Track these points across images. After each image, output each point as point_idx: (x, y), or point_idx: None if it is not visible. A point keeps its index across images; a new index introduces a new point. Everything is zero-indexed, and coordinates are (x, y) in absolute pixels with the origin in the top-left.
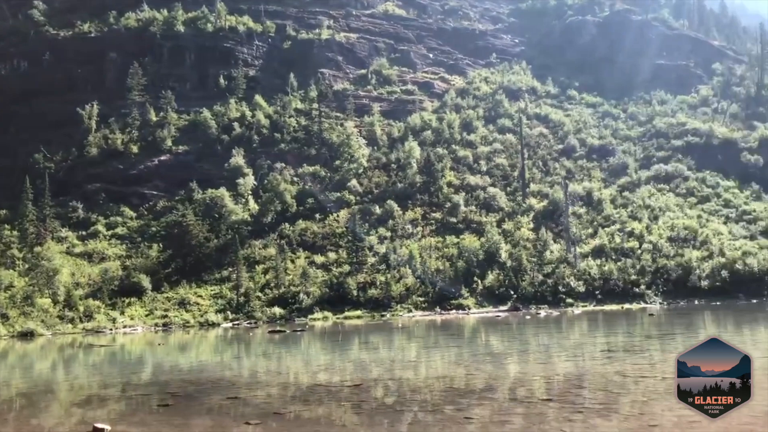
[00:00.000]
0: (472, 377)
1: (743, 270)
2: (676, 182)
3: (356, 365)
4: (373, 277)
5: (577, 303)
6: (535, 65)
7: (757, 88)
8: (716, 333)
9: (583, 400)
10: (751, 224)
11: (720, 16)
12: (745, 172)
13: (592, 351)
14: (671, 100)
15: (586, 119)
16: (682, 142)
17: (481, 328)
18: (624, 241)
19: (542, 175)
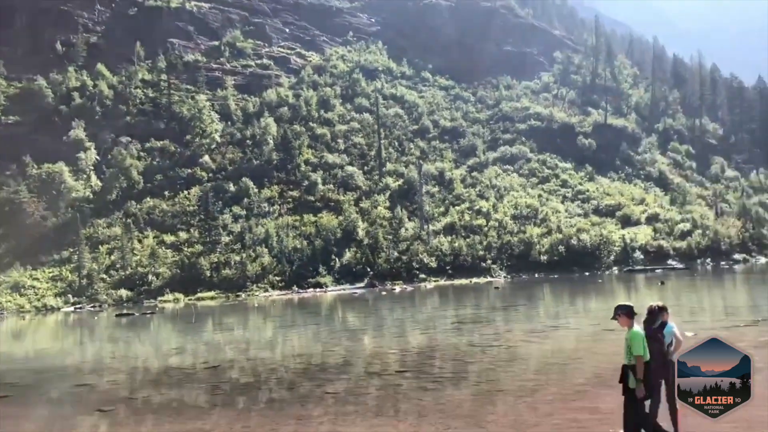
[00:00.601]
0: (330, 354)
1: (578, 245)
2: (520, 163)
3: (210, 347)
4: (227, 256)
5: (429, 278)
6: (391, 46)
7: (592, 77)
8: (551, 304)
9: (436, 371)
10: (585, 203)
11: (561, 7)
12: (581, 154)
13: (443, 324)
14: (516, 85)
15: (439, 101)
16: (525, 125)
17: (339, 305)
18: (473, 219)
19: (398, 154)
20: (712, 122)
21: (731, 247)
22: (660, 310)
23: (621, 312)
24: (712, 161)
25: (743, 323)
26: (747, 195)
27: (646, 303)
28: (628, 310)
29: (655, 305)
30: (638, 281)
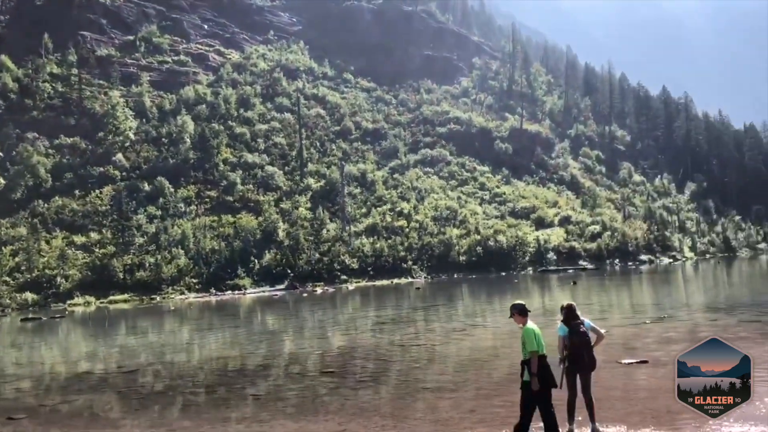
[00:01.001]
0: (250, 356)
1: (495, 246)
2: (440, 166)
3: (124, 351)
4: (141, 258)
5: (351, 279)
6: (313, 46)
7: (509, 83)
8: (470, 304)
9: (358, 371)
10: (502, 205)
11: (479, 14)
12: (498, 158)
13: (365, 324)
14: (437, 89)
15: (361, 103)
16: (445, 129)
17: (258, 307)
18: (394, 220)
19: (320, 155)
20: (621, 129)
21: (638, 248)
22: (569, 309)
23: (515, 311)
24: (621, 166)
25: (649, 320)
26: (652, 199)
27: (559, 302)
28: (521, 308)
29: (567, 303)
30: (552, 281)
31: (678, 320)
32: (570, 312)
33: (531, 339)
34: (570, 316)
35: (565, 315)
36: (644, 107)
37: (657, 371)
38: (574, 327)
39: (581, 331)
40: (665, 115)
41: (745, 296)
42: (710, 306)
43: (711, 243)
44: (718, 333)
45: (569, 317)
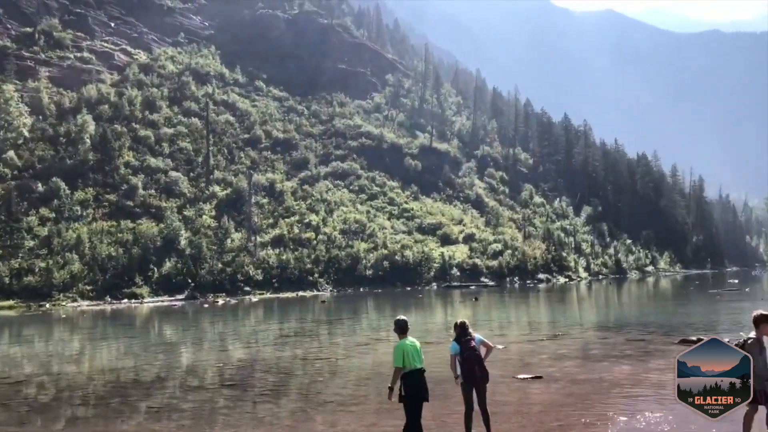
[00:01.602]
0: (144, 369)
1: (401, 261)
2: (350, 179)
3: (6, 361)
4: (31, 262)
5: (254, 291)
6: (225, 51)
7: (420, 102)
8: (374, 318)
9: (259, 384)
10: (410, 221)
11: (394, 32)
12: (407, 174)
13: (267, 337)
14: (350, 103)
15: (273, 112)
16: (357, 143)
17: (156, 317)
18: (302, 232)
19: (227, 162)
20: (524, 152)
21: (536, 267)
22: (462, 326)
23: (395, 327)
24: (523, 188)
25: (545, 337)
26: (551, 220)
27: (461, 317)
28: (397, 324)
29: (461, 321)
30: (454, 297)
31: (571, 338)
32: (461, 329)
33: (396, 355)
34: (461, 333)
35: (457, 332)
36: (546, 132)
37: (550, 386)
38: (465, 343)
39: (471, 346)
40: (566, 141)
41: (633, 316)
42: (601, 325)
43: (604, 264)
44: (607, 351)
45: (460, 334)
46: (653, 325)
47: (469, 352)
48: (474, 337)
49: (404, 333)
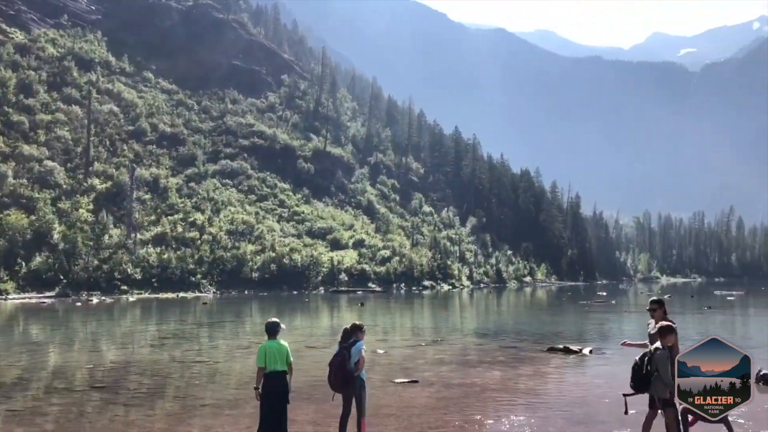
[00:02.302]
0: (6, 369)
1: (289, 264)
2: (240, 179)
3: None
4: None
5: (132, 290)
6: (112, 38)
7: (315, 105)
8: (258, 321)
9: (132, 387)
10: (300, 224)
11: (292, 33)
12: (299, 177)
13: (144, 339)
14: (243, 101)
15: (160, 104)
16: (248, 142)
17: (21, 315)
18: (186, 231)
19: (109, 155)
20: (416, 162)
21: (422, 274)
22: (353, 329)
23: (264, 328)
24: (413, 196)
25: (425, 343)
26: (438, 229)
27: (346, 323)
28: (266, 326)
29: (351, 324)
30: (341, 301)
31: (450, 344)
32: (344, 334)
33: (258, 355)
34: (343, 337)
35: (342, 336)
36: (438, 144)
37: (425, 390)
38: (340, 350)
39: (339, 352)
40: (455, 153)
41: (509, 324)
42: (479, 331)
43: (485, 273)
44: (481, 357)
45: (342, 338)
46: (526, 333)
47: (334, 357)
48: (356, 342)
49: (272, 335)
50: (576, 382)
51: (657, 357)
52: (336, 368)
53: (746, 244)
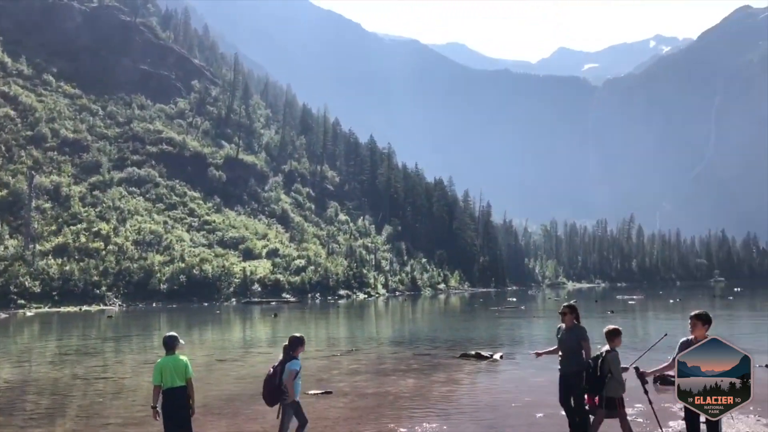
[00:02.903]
0: None
1: (199, 275)
2: (147, 187)
3: None
4: None
5: (30, 304)
6: (8, 39)
7: (227, 111)
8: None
9: (30, 407)
10: (211, 234)
11: (203, 38)
12: (211, 185)
13: (43, 356)
14: (151, 106)
15: (62, 109)
16: (157, 149)
17: None
18: (89, 242)
19: (4, 161)
20: (331, 170)
21: (338, 283)
22: (292, 344)
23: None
24: (329, 205)
25: (340, 353)
26: (354, 238)
27: (259, 334)
28: (162, 341)
29: (290, 338)
30: (254, 313)
31: (365, 353)
32: (284, 350)
33: (154, 372)
34: (284, 354)
35: (283, 352)
36: (353, 152)
37: (338, 401)
38: (279, 363)
39: (275, 365)
40: (371, 162)
41: (423, 331)
42: (394, 340)
43: (401, 281)
44: (396, 365)
45: (284, 355)
46: (440, 340)
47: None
48: (293, 359)
49: (170, 350)
50: (487, 387)
51: (609, 358)
52: (265, 381)
53: (645, 251)
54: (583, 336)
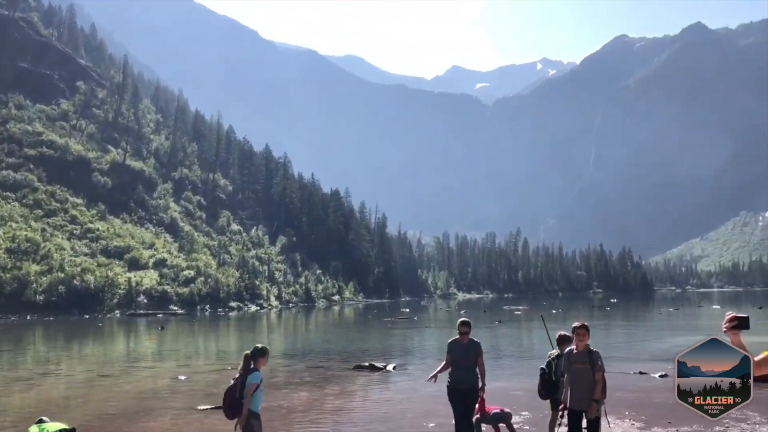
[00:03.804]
0: None
1: (80, 286)
2: (24, 192)
3: None
4: None
5: None
6: None
7: (114, 114)
8: (42, 349)
9: None
10: (94, 242)
11: (89, 38)
12: (95, 191)
13: None
14: (30, 107)
15: None
16: (35, 152)
17: None
18: None
19: None
20: (224, 178)
21: (229, 295)
22: (254, 355)
23: None
24: (221, 214)
25: (231, 366)
26: (247, 248)
27: (144, 348)
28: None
29: (252, 349)
30: (140, 326)
31: None
32: (245, 360)
33: None
34: (245, 365)
35: (243, 363)
36: (248, 161)
37: None
38: (240, 375)
39: (235, 377)
40: (266, 171)
41: (317, 343)
42: (286, 352)
43: (295, 293)
44: (289, 378)
45: (244, 366)
46: (333, 352)
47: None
48: (254, 372)
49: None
50: (380, 398)
51: (561, 363)
52: (226, 393)
53: (531, 263)
54: (480, 351)
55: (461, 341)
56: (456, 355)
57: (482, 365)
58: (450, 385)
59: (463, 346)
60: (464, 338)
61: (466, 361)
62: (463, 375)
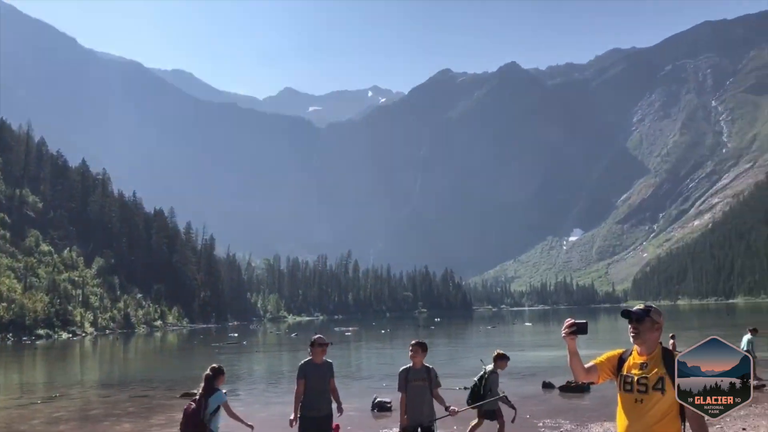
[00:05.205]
0: None
1: None
2: None
3: None
4: None
5: None
6: None
7: None
8: None
9: None
10: None
11: None
12: None
13: None
14: None
15: None
16: None
17: None
18: None
19: None
20: (33, 195)
21: (36, 322)
22: (215, 374)
23: None
24: (28, 233)
25: (40, 400)
26: (58, 271)
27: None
28: None
29: (210, 368)
30: None
31: (70, 399)
32: (206, 380)
33: None
34: (206, 384)
35: (204, 382)
36: (62, 177)
37: None
38: (199, 397)
39: (197, 398)
40: (82, 188)
41: (138, 372)
42: (104, 382)
43: (113, 319)
44: (108, 410)
45: (205, 385)
46: (157, 380)
47: (188, 404)
48: (217, 393)
49: None
50: None
51: (491, 379)
52: (188, 416)
53: (360, 285)
54: (332, 373)
55: (318, 361)
56: (313, 379)
57: (335, 390)
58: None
59: (322, 366)
60: (315, 355)
61: (324, 386)
62: (322, 401)
